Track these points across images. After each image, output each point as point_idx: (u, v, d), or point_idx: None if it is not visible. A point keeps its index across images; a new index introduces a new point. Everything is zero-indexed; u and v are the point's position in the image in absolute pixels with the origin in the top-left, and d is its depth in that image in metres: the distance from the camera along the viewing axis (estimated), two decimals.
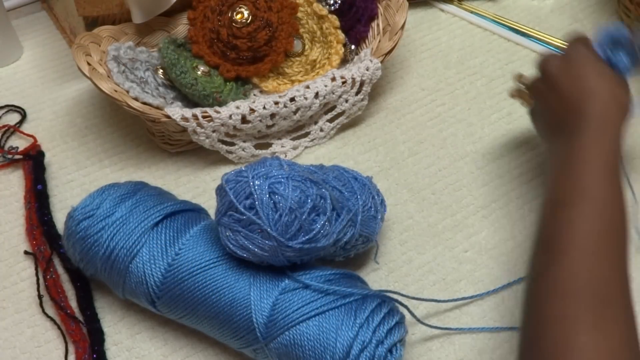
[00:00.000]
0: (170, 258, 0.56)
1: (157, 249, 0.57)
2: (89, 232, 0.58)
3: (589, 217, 0.51)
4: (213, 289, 0.55)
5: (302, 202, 0.55)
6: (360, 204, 0.60)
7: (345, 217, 0.58)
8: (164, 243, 0.57)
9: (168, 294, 0.56)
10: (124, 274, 0.57)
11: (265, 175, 0.55)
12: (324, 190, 0.57)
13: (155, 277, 0.56)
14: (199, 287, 0.56)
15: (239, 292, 0.55)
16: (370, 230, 0.62)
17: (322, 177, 0.59)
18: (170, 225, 0.58)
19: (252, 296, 0.55)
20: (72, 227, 0.59)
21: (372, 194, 0.62)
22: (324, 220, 0.56)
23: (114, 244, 0.57)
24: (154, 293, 0.56)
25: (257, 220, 0.54)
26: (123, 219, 0.58)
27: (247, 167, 0.57)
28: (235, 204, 0.54)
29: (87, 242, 0.58)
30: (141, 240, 0.57)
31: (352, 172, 0.63)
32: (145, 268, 0.56)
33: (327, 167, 0.64)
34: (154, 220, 0.58)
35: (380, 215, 0.63)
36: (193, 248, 0.57)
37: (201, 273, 0.56)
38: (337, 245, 0.59)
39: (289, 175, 0.56)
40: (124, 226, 0.57)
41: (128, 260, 0.57)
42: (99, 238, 0.57)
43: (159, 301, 0.57)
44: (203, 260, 0.56)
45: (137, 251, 0.57)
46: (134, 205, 0.59)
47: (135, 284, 0.57)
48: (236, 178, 0.56)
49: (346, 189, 0.60)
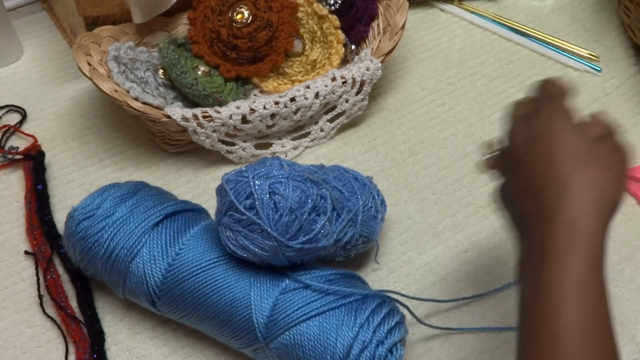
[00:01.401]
0: (171, 258, 0.56)
1: (158, 249, 0.57)
2: (89, 232, 0.58)
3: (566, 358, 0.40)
4: (213, 289, 0.55)
5: (302, 202, 0.55)
6: (360, 204, 0.60)
7: (346, 217, 0.58)
8: (164, 243, 0.57)
9: (168, 294, 0.56)
10: (124, 274, 0.57)
11: (266, 175, 0.55)
12: (324, 190, 0.57)
13: (156, 277, 0.56)
14: (199, 287, 0.56)
15: (239, 292, 0.55)
16: (370, 230, 0.62)
17: (323, 177, 0.59)
18: (170, 225, 0.58)
19: (252, 296, 0.55)
20: (72, 227, 0.59)
21: (372, 194, 0.62)
22: (324, 221, 0.56)
23: (114, 244, 0.57)
24: (154, 293, 0.57)
25: (257, 220, 0.54)
26: (123, 219, 0.58)
27: (248, 167, 0.57)
28: (235, 204, 0.54)
29: (88, 242, 0.58)
30: (141, 240, 0.57)
31: (353, 172, 0.63)
32: (146, 268, 0.56)
33: (328, 167, 0.64)
34: (155, 220, 0.58)
35: (381, 215, 0.63)
36: (193, 248, 0.57)
37: (201, 273, 0.56)
38: (338, 245, 0.59)
39: (289, 175, 0.56)
40: (124, 226, 0.57)
41: (128, 260, 0.57)
42: (99, 238, 0.57)
43: (159, 301, 0.57)
44: (203, 260, 0.56)
45: (138, 251, 0.57)
46: (134, 205, 0.59)
47: (136, 284, 0.57)
48: (236, 178, 0.56)
49: (346, 189, 0.60)
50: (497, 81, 0.84)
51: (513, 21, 0.90)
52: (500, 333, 0.62)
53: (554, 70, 0.85)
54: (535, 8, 0.93)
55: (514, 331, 0.61)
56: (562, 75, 0.85)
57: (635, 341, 0.62)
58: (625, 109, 0.81)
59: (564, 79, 0.48)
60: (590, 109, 0.81)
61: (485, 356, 0.61)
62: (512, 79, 0.84)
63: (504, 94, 0.82)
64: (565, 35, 0.89)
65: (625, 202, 0.72)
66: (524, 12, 0.92)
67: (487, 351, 0.61)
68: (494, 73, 0.85)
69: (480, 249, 0.68)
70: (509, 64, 0.86)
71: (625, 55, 0.87)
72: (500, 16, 0.91)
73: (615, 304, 0.64)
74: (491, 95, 0.82)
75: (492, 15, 0.91)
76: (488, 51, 0.87)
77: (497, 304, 0.64)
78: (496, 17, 0.91)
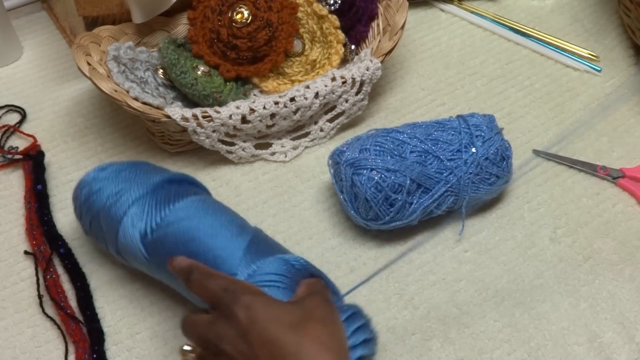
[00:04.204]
0: (168, 210, 0.57)
1: (152, 206, 0.58)
2: (94, 186, 0.60)
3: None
4: (194, 237, 0.56)
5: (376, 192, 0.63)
6: (466, 169, 0.64)
7: (440, 189, 0.64)
8: (163, 200, 0.58)
9: (160, 238, 0.57)
10: (117, 225, 0.58)
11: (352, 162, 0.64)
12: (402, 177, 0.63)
13: (151, 226, 0.57)
14: (183, 234, 0.56)
15: (215, 248, 0.55)
16: (496, 175, 0.66)
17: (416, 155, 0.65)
18: (170, 187, 0.60)
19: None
20: (83, 181, 0.61)
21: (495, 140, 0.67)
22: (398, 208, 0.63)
23: (113, 199, 0.58)
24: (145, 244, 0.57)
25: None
26: (127, 175, 0.60)
27: (348, 146, 0.66)
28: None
29: (92, 194, 0.59)
30: (141, 193, 0.58)
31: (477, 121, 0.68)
32: (138, 222, 0.57)
33: (448, 121, 0.69)
34: (158, 180, 0.59)
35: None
36: (188, 208, 0.58)
37: (188, 222, 0.56)
38: (441, 209, 0.66)
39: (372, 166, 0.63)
40: (127, 181, 0.59)
41: (124, 211, 0.58)
42: (103, 188, 0.59)
43: (149, 255, 0.57)
44: (195, 216, 0.57)
45: (133, 203, 0.58)
46: (138, 168, 0.61)
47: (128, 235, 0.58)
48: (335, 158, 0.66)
49: (450, 155, 0.65)
50: (497, 81, 0.84)
51: (513, 21, 0.90)
52: (500, 333, 0.62)
53: (553, 70, 0.85)
54: (535, 8, 0.93)
55: (506, 326, 0.61)
56: (562, 75, 0.85)
57: (635, 341, 0.62)
58: (625, 109, 0.81)
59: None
60: (590, 109, 0.81)
61: (485, 356, 0.61)
62: (512, 79, 0.84)
63: (504, 93, 0.82)
64: (565, 35, 0.89)
65: (625, 202, 0.72)
66: (524, 12, 0.92)
67: (487, 351, 0.61)
68: (494, 73, 0.85)
69: (480, 248, 0.68)
70: (509, 64, 0.86)
71: (625, 55, 0.87)
72: (500, 16, 0.91)
73: (615, 304, 0.64)
74: (491, 95, 0.82)
75: (492, 15, 0.91)
76: (488, 51, 0.87)
77: (497, 303, 0.64)
78: (496, 17, 0.91)
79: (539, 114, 0.80)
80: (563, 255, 0.68)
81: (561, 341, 0.62)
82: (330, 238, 0.68)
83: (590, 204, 0.72)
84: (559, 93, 0.83)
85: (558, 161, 0.75)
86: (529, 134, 0.78)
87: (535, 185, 0.73)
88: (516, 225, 0.70)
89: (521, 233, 0.69)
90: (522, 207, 0.71)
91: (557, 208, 0.71)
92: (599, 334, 0.62)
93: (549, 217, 0.71)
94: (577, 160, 0.75)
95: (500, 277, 0.66)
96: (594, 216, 0.71)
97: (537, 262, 0.67)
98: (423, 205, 0.64)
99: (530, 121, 0.80)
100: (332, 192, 0.71)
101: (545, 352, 0.61)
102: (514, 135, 0.77)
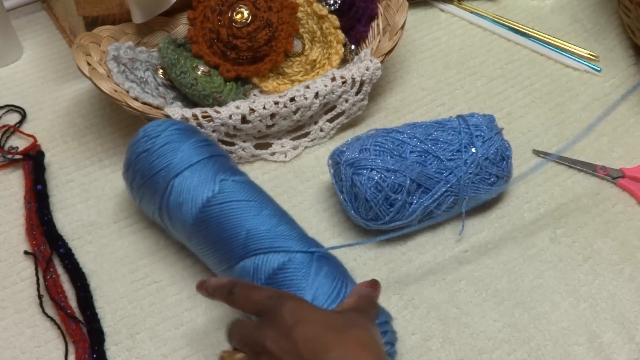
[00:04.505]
0: (220, 180, 0.60)
1: (209, 173, 0.60)
2: (148, 145, 0.61)
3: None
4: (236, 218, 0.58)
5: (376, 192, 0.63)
6: (466, 170, 0.65)
7: (440, 189, 0.64)
8: (218, 168, 0.61)
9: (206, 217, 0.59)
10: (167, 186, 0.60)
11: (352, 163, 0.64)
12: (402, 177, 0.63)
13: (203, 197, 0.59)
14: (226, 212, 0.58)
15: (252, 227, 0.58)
16: (497, 175, 0.67)
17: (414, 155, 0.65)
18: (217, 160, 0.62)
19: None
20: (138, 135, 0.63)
21: (495, 140, 0.67)
22: (397, 208, 0.63)
23: (166, 161, 0.60)
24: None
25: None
26: (180, 138, 0.62)
27: (348, 146, 0.66)
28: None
29: (146, 151, 0.61)
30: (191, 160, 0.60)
31: (476, 121, 0.68)
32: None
33: (448, 121, 0.69)
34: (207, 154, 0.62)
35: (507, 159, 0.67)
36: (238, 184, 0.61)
37: (236, 203, 0.59)
38: (441, 208, 0.66)
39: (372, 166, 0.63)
40: (179, 143, 0.61)
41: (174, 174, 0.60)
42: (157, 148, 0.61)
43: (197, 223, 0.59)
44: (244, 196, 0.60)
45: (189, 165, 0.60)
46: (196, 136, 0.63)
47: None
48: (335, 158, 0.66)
49: (450, 155, 0.65)
50: (497, 81, 0.84)
51: (513, 21, 0.90)
52: (500, 333, 0.62)
53: (553, 70, 0.85)
54: (535, 8, 0.93)
55: (506, 326, 0.61)
56: (561, 75, 0.85)
57: (635, 341, 0.62)
58: (625, 109, 0.81)
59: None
60: (590, 109, 0.81)
61: (485, 356, 0.61)
62: (512, 79, 0.84)
63: (504, 93, 0.82)
64: (565, 35, 0.89)
65: (625, 202, 0.72)
66: (523, 12, 0.92)
67: (486, 351, 0.61)
68: (493, 73, 0.85)
69: (480, 248, 0.68)
70: (508, 64, 0.86)
71: (625, 55, 0.87)
72: (500, 16, 0.91)
73: (615, 304, 0.64)
74: (491, 95, 0.82)
75: (492, 15, 0.91)
76: (488, 51, 0.87)
77: (497, 303, 0.64)
78: (496, 17, 0.91)
79: (539, 114, 0.80)
80: (563, 255, 0.68)
81: (561, 341, 0.62)
82: (330, 238, 0.68)
83: (590, 204, 0.72)
84: (558, 93, 0.83)
85: (558, 161, 0.75)
86: (529, 134, 0.78)
87: (535, 185, 0.73)
88: (516, 225, 0.70)
89: (521, 233, 0.69)
90: (522, 207, 0.71)
91: (557, 208, 0.71)
92: (599, 334, 0.62)
93: (549, 217, 0.71)
94: (577, 160, 0.75)
95: (500, 277, 0.66)
96: (593, 216, 0.71)
97: (537, 262, 0.67)
98: (423, 205, 0.64)
99: (530, 121, 0.80)
100: (332, 192, 0.71)
101: (545, 352, 0.61)
102: (514, 135, 0.77)
